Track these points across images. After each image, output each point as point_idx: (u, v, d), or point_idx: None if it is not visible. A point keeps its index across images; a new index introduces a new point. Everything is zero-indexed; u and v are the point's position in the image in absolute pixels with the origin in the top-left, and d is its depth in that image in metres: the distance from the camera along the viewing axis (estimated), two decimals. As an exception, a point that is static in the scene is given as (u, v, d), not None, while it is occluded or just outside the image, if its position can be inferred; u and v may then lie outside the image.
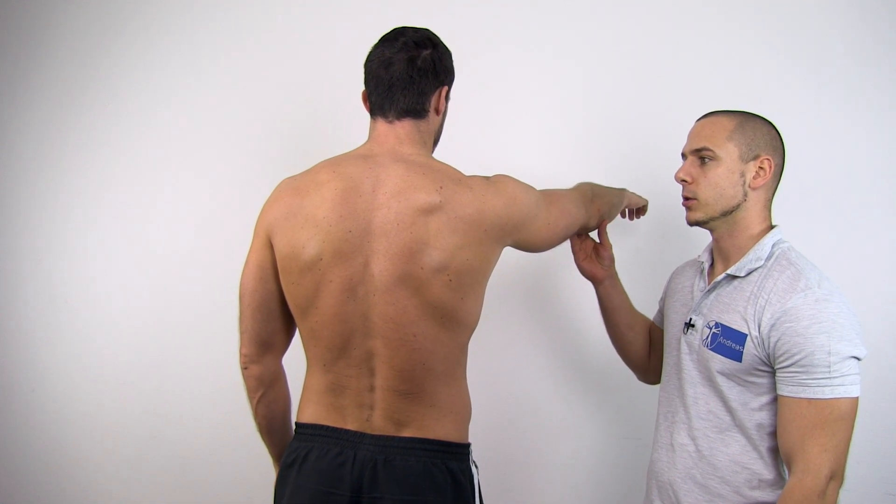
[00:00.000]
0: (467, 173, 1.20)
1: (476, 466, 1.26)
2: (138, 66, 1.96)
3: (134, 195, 1.96)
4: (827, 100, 1.66)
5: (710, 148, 1.19)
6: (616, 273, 1.48)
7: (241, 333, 1.23)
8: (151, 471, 1.96)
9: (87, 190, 1.99)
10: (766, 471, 1.15)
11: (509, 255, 1.37)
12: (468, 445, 1.25)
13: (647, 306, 1.53)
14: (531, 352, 1.80)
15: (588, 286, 1.50)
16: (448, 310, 1.15)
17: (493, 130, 1.79)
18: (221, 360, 1.71)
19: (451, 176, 1.17)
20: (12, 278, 2.03)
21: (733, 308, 1.16)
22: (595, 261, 1.47)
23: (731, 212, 1.20)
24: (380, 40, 1.21)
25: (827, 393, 1.05)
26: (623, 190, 1.55)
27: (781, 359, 1.09)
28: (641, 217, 1.65)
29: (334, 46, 1.84)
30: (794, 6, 1.67)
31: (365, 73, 1.22)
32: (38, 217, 2.02)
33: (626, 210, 1.61)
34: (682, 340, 1.25)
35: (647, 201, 1.62)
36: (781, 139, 1.22)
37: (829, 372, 1.05)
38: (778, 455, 1.14)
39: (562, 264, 1.77)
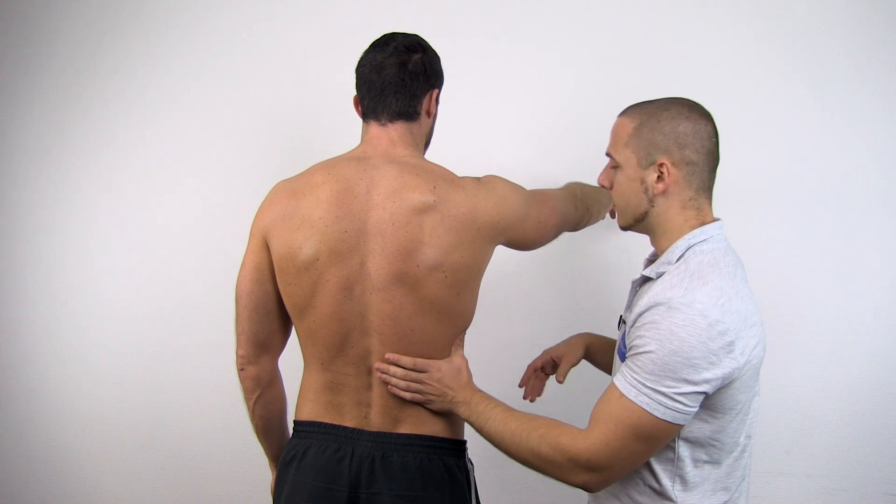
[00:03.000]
0: (458, 174, 1.21)
1: (472, 463, 1.28)
2: (138, 68, 1.96)
3: (134, 196, 1.96)
4: (824, 99, 1.66)
5: (611, 154, 1.13)
6: (581, 342, 1.41)
7: (238, 335, 1.24)
8: (151, 471, 1.97)
9: (87, 190, 1.99)
10: (651, 479, 1.08)
11: (509, 254, 1.37)
12: (464, 442, 1.27)
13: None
14: (530, 351, 1.80)
15: (588, 286, 1.50)
16: (444, 306, 1.17)
17: (482, 131, 1.79)
18: (221, 361, 1.71)
19: (443, 176, 1.18)
20: (12, 278, 2.04)
21: (633, 312, 1.09)
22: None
23: (642, 219, 1.11)
24: (371, 45, 1.23)
25: (631, 393, 1.00)
26: None
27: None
28: None
29: (329, 51, 1.84)
30: (793, 4, 1.67)
31: (357, 77, 1.23)
32: (38, 217, 2.02)
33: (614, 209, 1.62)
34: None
35: None
36: (705, 132, 1.08)
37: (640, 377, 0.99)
38: (668, 465, 1.08)
39: (561, 264, 1.77)
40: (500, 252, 1.26)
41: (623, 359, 1.10)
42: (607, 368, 1.41)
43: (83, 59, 1.99)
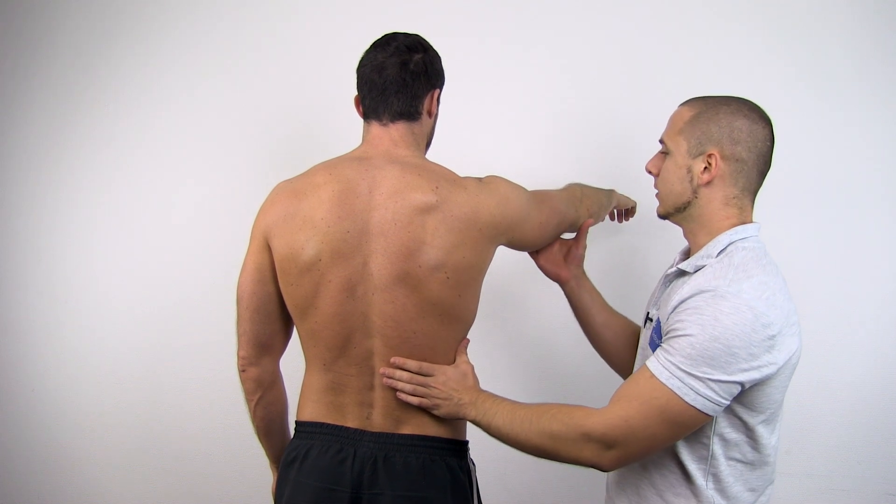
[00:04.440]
0: (459, 174, 1.21)
1: (473, 464, 1.28)
2: (139, 67, 1.96)
3: (134, 196, 1.97)
4: (823, 99, 1.66)
5: (664, 140, 1.15)
6: (583, 272, 1.42)
7: (239, 336, 1.24)
8: (151, 470, 1.97)
9: (87, 190, 1.99)
10: (686, 479, 1.08)
11: (510, 254, 1.37)
12: (466, 443, 1.27)
13: (632, 306, 1.49)
14: (530, 351, 1.81)
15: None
16: (446, 307, 1.16)
17: (483, 131, 1.79)
18: (221, 361, 1.71)
19: (446, 176, 1.18)
20: (12, 278, 2.04)
21: (670, 303, 1.06)
22: (560, 260, 1.40)
23: (683, 209, 1.12)
24: (371, 46, 1.22)
25: (664, 375, 0.98)
26: (612, 191, 1.55)
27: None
28: (630, 219, 1.65)
29: (329, 52, 1.85)
30: (793, 4, 1.67)
31: (357, 77, 1.23)
32: (38, 217, 2.02)
33: (615, 211, 1.62)
34: (642, 335, 1.21)
35: (635, 203, 1.62)
36: (761, 134, 1.09)
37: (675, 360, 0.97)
38: (702, 463, 1.07)
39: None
40: (501, 253, 1.26)
41: (655, 350, 1.08)
42: (582, 311, 1.40)
43: (84, 59, 1.99)
